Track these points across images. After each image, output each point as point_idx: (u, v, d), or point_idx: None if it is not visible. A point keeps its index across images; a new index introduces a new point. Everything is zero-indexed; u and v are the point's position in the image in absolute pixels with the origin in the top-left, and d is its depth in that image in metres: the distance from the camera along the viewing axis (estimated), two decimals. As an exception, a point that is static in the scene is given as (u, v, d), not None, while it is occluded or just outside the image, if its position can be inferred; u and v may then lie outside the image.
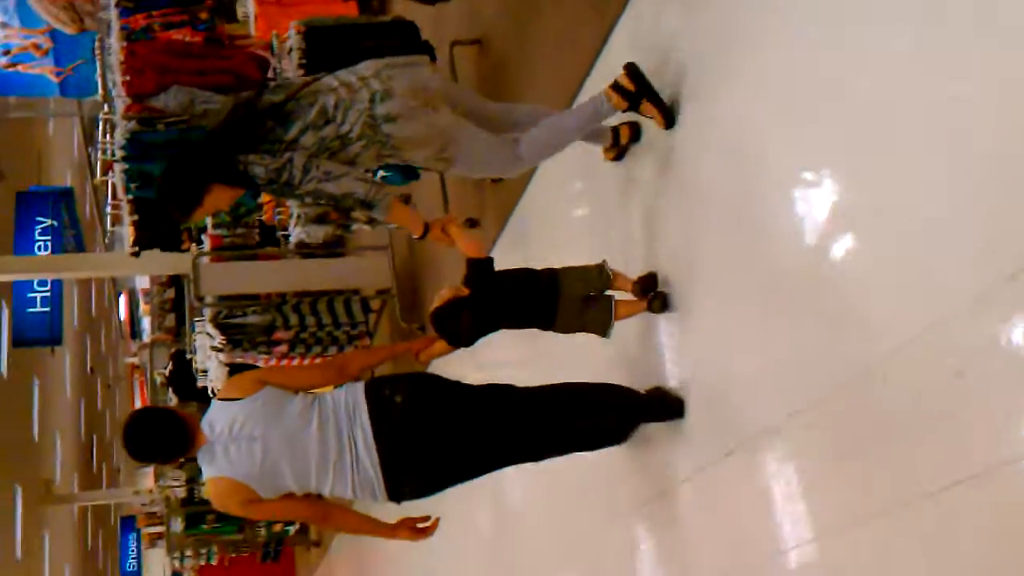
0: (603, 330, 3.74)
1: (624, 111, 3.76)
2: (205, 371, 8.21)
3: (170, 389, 10.76)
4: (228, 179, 3.55)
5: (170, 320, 12.89)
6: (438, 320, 3.62)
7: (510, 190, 5.57)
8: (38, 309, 15.94)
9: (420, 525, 3.70)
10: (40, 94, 11.10)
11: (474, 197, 6.37)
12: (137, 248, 6.02)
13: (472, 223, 6.28)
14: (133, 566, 30.61)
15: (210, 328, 7.59)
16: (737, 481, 3.40)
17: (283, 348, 7.62)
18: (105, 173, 5.41)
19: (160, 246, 6.77)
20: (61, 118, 22.94)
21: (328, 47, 5.77)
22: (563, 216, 5.03)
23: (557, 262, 3.86)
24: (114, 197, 5.92)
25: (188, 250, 8.63)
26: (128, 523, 29.95)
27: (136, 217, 5.84)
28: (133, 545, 30.33)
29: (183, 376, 10.14)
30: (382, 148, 3.64)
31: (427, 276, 7.63)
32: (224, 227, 6.18)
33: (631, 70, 3.68)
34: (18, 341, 16.08)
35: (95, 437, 32.03)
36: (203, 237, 8.12)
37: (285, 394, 3.49)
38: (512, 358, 5.25)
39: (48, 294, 15.96)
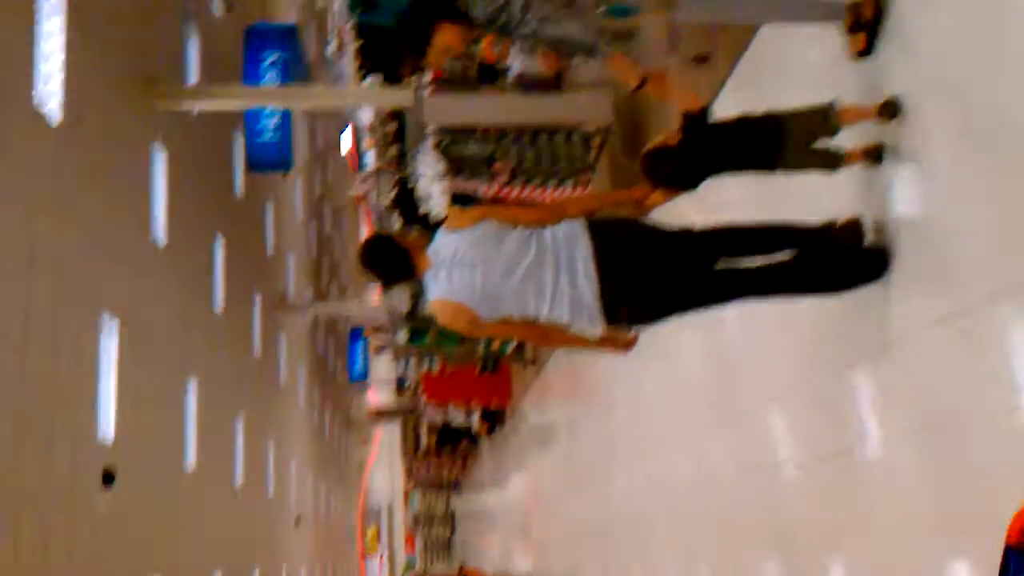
0: (831, 166, 3.75)
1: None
2: (427, 198, 8.61)
3: (396, 211, 11.29)
4: (451, 15, 3.59)
5: (393, 151, 13.35)
6: (645, 164, 3.74)
7: (742, 27, 5.26)
8: (269, 138, 16.78)
9: (627, 340, 3.93)
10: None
11: (705, 31, 6.17)
12: (363, 73, 6.25)
13: (702, 59, 6.02)
14: (361, 369, 32.73)
15: (433, 154, 7.92)
16: (965, 338, 3.37)
17: (504, 177, 7.89)
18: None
19: (383, 71, 6.99)
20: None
21: None
22: (798, 56, 4.74)
23: (789, 103, 3.80)
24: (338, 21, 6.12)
25: (409, 81, 8.89)
26: (356, 333, 31.82)
27: (360, 42, 6.03)
28: (361, 352, 32.32)
29: (407, 201, 10.62)
30: None
31: (650, 113, 7.53)
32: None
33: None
34: (252, 164, 17.07)
35: (324, 256, 34.00)
36: (424, 68, 8.35)
37: (505, 227, 3.70)
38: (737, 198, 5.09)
39: (279, 123, 16.74)
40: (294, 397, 26.74)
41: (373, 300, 25.76)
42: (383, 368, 35.95)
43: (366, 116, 19.83)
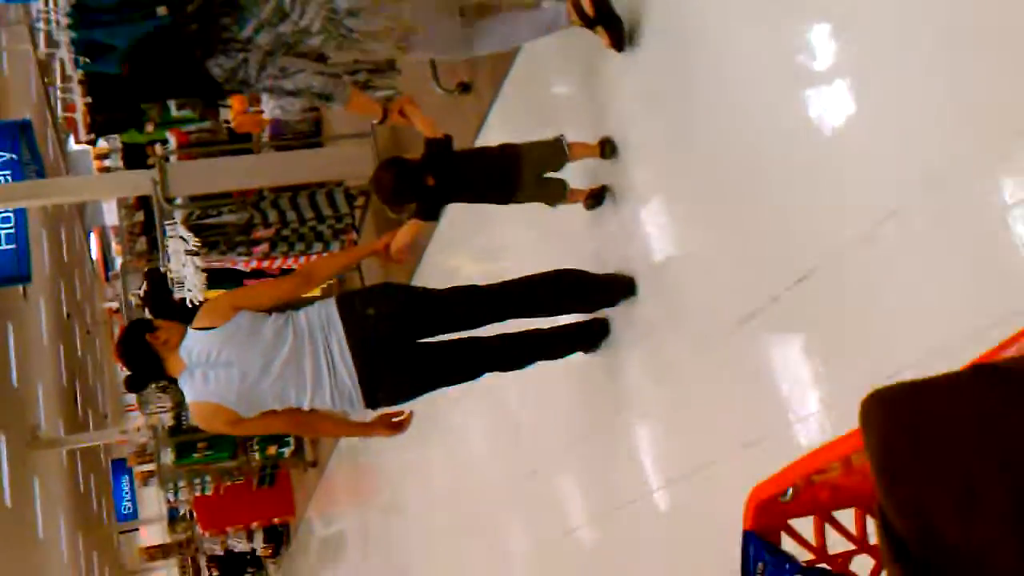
0: (554, 200, 3.98)
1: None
2: (181, 282, 7.66)
3: (146, 310, 10.21)
4: (197, 89, 3.73)
5: (141, 244, 12.25)
6: (374, 179, 3.78)
7: (502, 55, 5.08)
8: (2, 246, 15.27)
9: (395, 419, 3.90)
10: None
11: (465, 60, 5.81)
12: (94, 135, 5.43)
13: (465, 87, 5.77)
14: (128, 508, 30.32)
15: (183, 231, 7.04)
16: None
17: (264, 247, 7.10)
18: (49, 47, 4.76)
19: (118, 129, 6.15)
20: (14, 52, 21.99)
21: None
22: (551, 89, 4.86)
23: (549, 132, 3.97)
24: (63, 79, 5.30)
25: (152, 166, 8.06)
26: (119, 465, 29.59)
27: (89, 99, 5.24)
28: (127, 486, 30.00)
29: (159, 293, 9.60)
30: (343, 41, 3.61)
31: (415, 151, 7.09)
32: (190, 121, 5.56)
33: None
34: (-14, 281, 15.45)
35: (78, 383, 31.52)
36: (168, 135, 7.53)
37: (258, 316, 3.66)
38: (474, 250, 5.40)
39: (12, 230, 15.27)
40: (55, 549, 24.23)
41: (135, 425, 23.89)
42: (154, 502, 33.60)
43: (112, 217, 18.55)
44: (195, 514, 18.41)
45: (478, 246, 5.40)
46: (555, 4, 3.82)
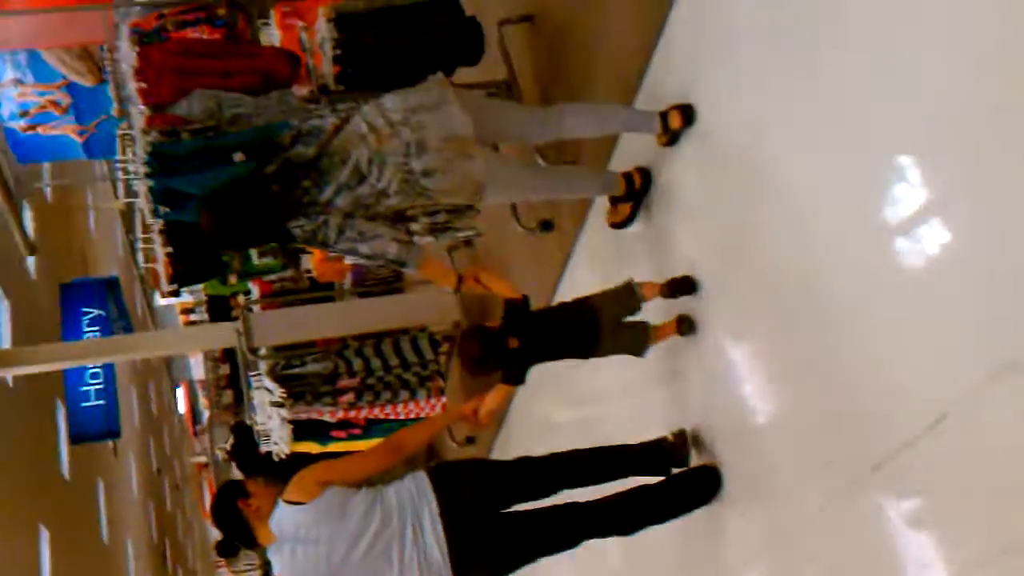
0: (639, 351, 3.95)
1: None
2: (267, 434, 7.40)
3: (233, 464, 9.97)
4: (271, 239, 3.87)
5: (227, 397, 12.16)
6: (460, 347, 3.85)
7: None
8: (92, 403, 15.31)
9: None
10: (64, 157, 10.47)
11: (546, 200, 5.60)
12: (176, 286, 5.26)
13: (546, 225, 5.54)
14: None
15: (268, 382, 6.81)
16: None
17: (350, 397, 6.82)
18: (128, 196, 4.65)
19: (199, 279, 6.00)
20: (99, 210, 22.62)
21: (364, 34, 5.05)
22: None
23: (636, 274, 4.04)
24: (144, 230, 5.18)
25: (236, 317, 7.94)
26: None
27: (170, 249, 5.08)
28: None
29: (246, 447, 9.37)
30: (419, 198, 3.72)
31: (497, 305, 6.83)
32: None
33: (686, 113, 3.84)
34: (76, 436, 15.44)
35: (167, 539, 31.38)
36: (251, 286, 7.40)
37: (348, 493, 3.59)
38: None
39: (101, 386, 15.35)
40: None
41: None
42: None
43: (198, 370, 18.63)
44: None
45: (564, 391, 5.12)
46: (610, 173, 4.17)
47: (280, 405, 6.82)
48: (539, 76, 5.37)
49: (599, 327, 3.84)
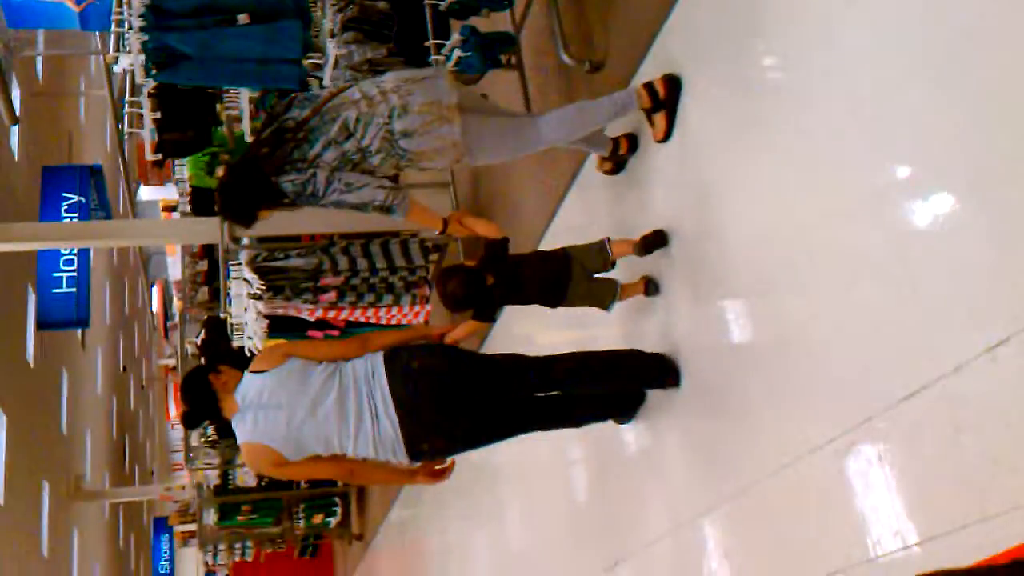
0: (605, 305, 4.15)
1: (643, 110, 4.10)
2: (241, 328, 7.19)
3: (202, 359, 9.76)
4: (271, 202, 3.95)
5: (203, 294, 11.91)
6: (439, 285, 4.00)
7: (607, 90, 4.67)
8: (64, 289, 15.05)
9: (438, 467, 3.97)
10: (58, 25, 10.06)
11: (559, 102, 5.37)
12: (160, 155, 4.99)
13: (596, 67, 5.20)
14: (166, 568, 29.71)
15: (247, 273, 6.58)
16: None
17: (331, 296, 6.60)
18: (117, 54, 4.35)
19: (187, 151, 5.72)
20: (92, 97, 22.13)
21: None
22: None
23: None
24: (132, 92, 4.90)
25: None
26: (160, 524, 29.09)
27: (158, 114, 4.81)
28: (166, 546, 29.45)
29: (217, 341, 9.17)
30: (400, 160, 3.93)
31: (494, 216, 6.64)
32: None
33: (671, 82, 4.00)
34: (44, 322, 15.19)
35: (127, 436, 31.26)
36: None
37: (309, 364, 3.81)
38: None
39: (74, 274, 15.08)
40: (88, 602, 23.70)
41: (180, 484, 23.42)
42: (192, 564, 33.00)
43: (175, 271, 18.34)
44: (232, 580, 17.82)
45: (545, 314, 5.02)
46: (625, 92, 4.19)
47: (258, 297, 6.60)
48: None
49: (569, 278, 4.07)
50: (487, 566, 7.43)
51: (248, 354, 7.06)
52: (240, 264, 6.78)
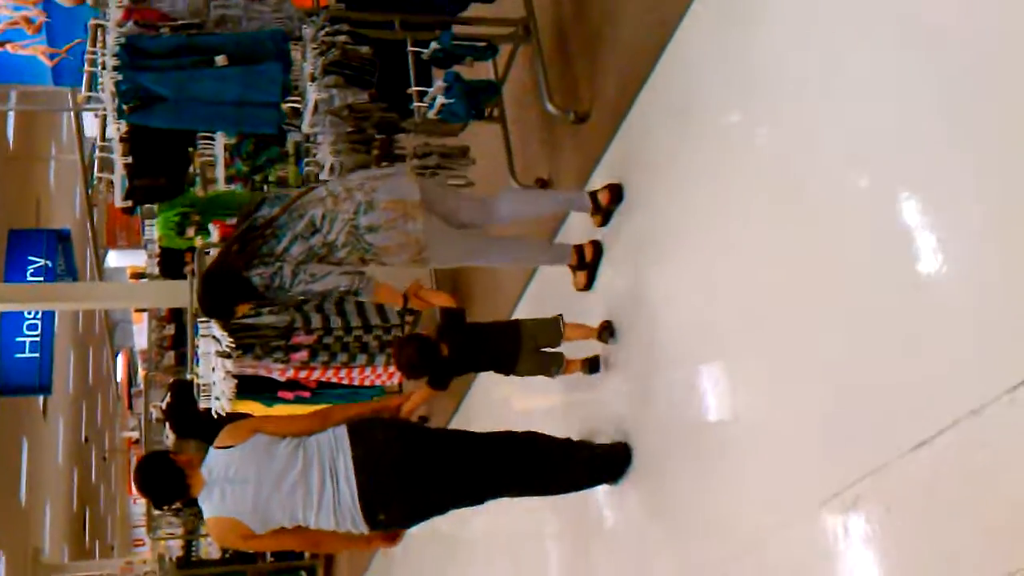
0: (550, 373, 4.41)
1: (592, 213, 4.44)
2: (208, 389, 6.95)
3: (166, 425, 9.47)
4: (245, 297, 4.17)
5: (169, 359, 11.65)
6: (397, 352, 4.20)
7: (591, 143, 4.70)
8: (27, 355, 14.71)
9: (389, 534, 4.12)
10: (30, 80, 9.89)
11: (542, 154, 5.28)
12: (131, 202, 4.82)
13: (543, 183, 5.20)
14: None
15: (216, 330, 6.37)
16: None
17: (303, 355, 6.40)
18: (91, 90, 4.19)
19: (159, 198, 5.54)
20: (62, 161, 21.94)
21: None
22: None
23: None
24: (102, 138, 4.72)
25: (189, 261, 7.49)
26: (121, 600, 28.18)
27: (129, 159, 4.65)
28: (125, 625, 28.51)
29: (182, 409, 8.89)
30: (364, 253, 4.11)
31: (470, 272, 6.49)
32: (241, 179, 4.93)
33: (614, 192, 4.34)
34: (4, 388, 14.81)
35: (88, 509, 30.50)
36: (211, 227, 6.96)
37: (274, 440, 3.90)
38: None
39: (37, 338, 14.76)
40: None
41: (141, 558, 22.80)
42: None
43: (142, 339, 17.94)
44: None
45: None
46: (564, 245, 4.64)
47: (227, 356, 6.37)
48: (558, 18, 5.05)
49: (519, 350, 4.28)
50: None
51: (215, 416, 6.82)
52: (209, 322, 6.57)
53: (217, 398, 6.78)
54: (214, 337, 6.51)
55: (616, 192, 4.33)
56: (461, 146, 5.09)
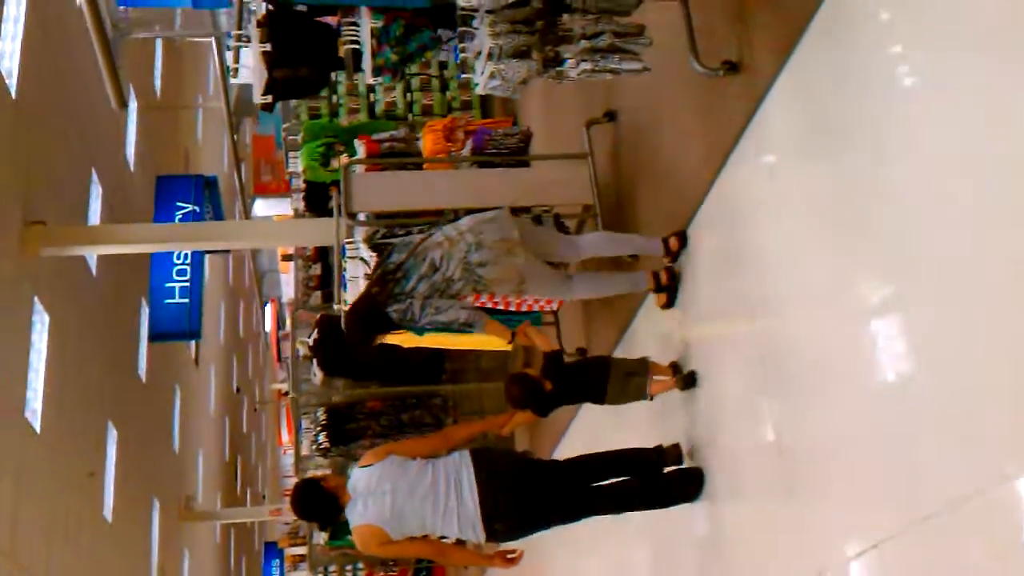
0: (640, 397, 4.94)
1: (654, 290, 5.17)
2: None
3: (314, 362, 9.13)
4: (386, 330, 4.97)
5: (316, 299, 11.34)
6: (509, 388, 4.87)
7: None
8: (176, 300, 14.72)
9: (509, 556, 4.73)
10: (169, 3, 9.62)
11: (729, 34, 4.57)
12: (270, 98, 4.32)
13: (731, 66, 4.50)
14: (276, 592, 29.39)
15: (364, 251, 5.91)
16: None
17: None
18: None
19: (301, 92, 5.07)
20: (209, 112, 22.05)
21: None
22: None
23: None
24: (239, 25, 4.24)
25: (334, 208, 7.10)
26: (271, 547, 28.77)
27: (268, 47, 4.14)
28: (276, 570, 29.12)
29: (329, 344, 8.53)
30: (476, 285, 4.85)
31: (638, 188, 5.85)
32: (390, 69, 4.39)
33: (671, 272, 5.06)
34: (155, 334, 14.87)
35: (239, 459, 31.16)
36: (356, 143, 6.48)
37: (407, 459, 4.63)
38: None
39: (187, 284, 14.74)
40: (197, 623, 23.42)
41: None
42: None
43: (289, 290, 17.82)
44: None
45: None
46: (639, 273, 5.28)
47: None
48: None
49: (607, 380, 4.90)
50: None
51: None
52: (356, 243, 6.10)
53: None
54: (362, 259, 6.05)
55: (683, 238, 4.93)
56: (637, 24, 4.42)
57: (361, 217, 6.14)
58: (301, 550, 21.76)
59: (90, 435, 13.69)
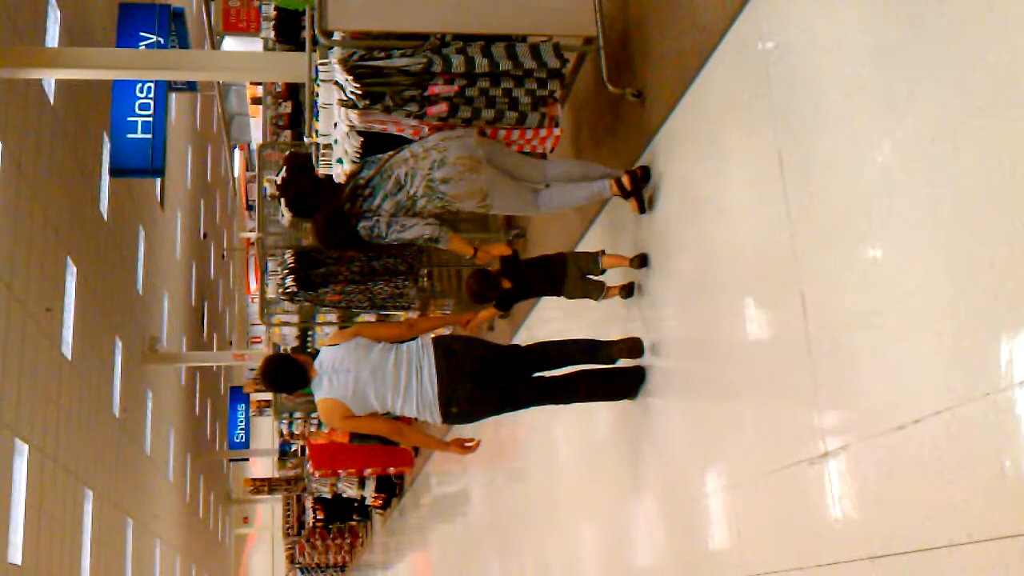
0: (596, 297, 5.29)
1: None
2: (328, 149, 5.96)
3: (281, 202, 8.59)
4: (356, 245, 5.21)
5: (285, 137, 10.78)
6: (469, 286, 5.22)
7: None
8: (138, 135, 14.04)
9: (467, 444, 5.15)
10: None
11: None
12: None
13: (637, 95, 4.05)
14: (241, 436, 29.46)
15: (339, 74, 5.31)
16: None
17: (442, 108, 5.28)
18: None
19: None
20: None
21: None
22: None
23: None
24: None
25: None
26: (237, 392, 28.72)
27: None
28: (242, 415, 29.13)
29: (297, 182, 7.98)
30: (440, 202, 4.99)
31: (647, 23, 5.28)
32: None
33: (634, 176, 5.02)
34: (116, 169, 14.22)
35: (206, 304, 30.80)
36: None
37: (371, 342, 4.98)
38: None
39: (150, 119, 14.04)
40: (162, 467, 23.38)
41: (257, 352, 22.76)
42: (266, 434, 32.87)
43: (258, 134, 17.15)
44: (308, 452, 17.05)
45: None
46: (600, 181, 5.16)
47: (351, 105, 5.32)
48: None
49: (565, 275, 5.16)
50: (566, 455, 6.44)
51: (333, 182, 5.84)
52: (329, 64, 5.52)
53: (339, 160, 5.77)
54: (336, 83, 5.46)
55: (646, 173, 4.98)
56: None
57: (337, 37, 5.53)
58: (267, 396, 21.62)
59: (47, 269, 13.20)
